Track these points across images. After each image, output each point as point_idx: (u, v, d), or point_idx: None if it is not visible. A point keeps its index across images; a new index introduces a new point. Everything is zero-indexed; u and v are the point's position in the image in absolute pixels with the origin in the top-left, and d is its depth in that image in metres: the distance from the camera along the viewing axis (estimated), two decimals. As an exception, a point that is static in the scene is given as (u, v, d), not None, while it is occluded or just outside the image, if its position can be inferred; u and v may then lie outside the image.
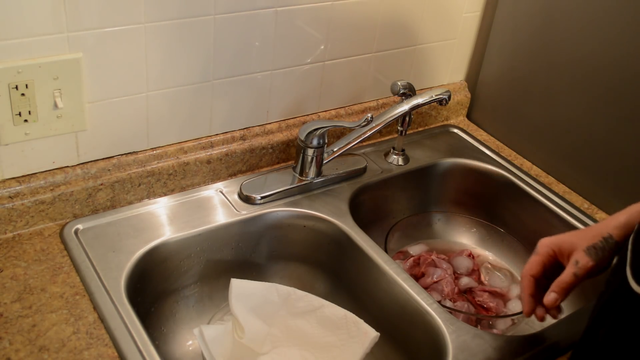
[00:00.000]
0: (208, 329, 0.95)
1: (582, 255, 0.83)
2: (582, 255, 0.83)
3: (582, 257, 0.83)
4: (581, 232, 0.86)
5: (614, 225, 0.82)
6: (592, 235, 0.84)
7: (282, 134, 1.19)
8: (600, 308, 0.74)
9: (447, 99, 1.16)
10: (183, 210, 1.06)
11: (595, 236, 0.83)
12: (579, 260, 0.83)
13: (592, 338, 0.76)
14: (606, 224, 0.83)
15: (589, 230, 0.85)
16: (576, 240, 0.85)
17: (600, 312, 0.74)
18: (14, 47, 0.88)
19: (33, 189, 0.97)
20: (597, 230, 0.84)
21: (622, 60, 1.13)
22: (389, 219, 1.26)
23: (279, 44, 1.11)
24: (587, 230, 0.86)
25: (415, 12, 1.26)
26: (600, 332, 0.74)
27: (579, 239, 0.85)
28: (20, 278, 0.90)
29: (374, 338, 0.95)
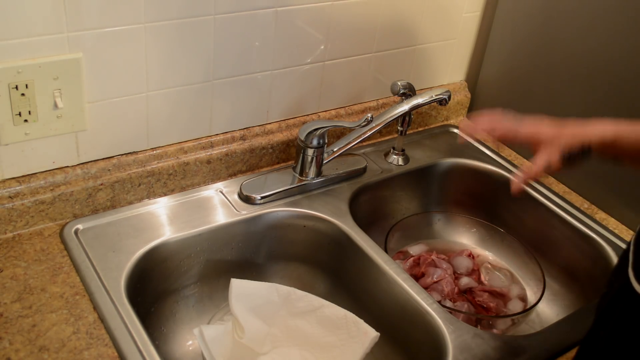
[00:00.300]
0: (208, 329, 0.95)
1: (556, 156, 0.84)
2: (556, 156, 0.84)
3: (555, 159, 0.85)
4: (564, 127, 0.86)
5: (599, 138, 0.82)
6: (571, 137, 0.84)
7: (282, 134, 1.19)
8: (603, 309, 0.74)
9: (447, 99, 1.16)
10: (183, 210, 1.06)
11: (575, 140, 0.84)
12: (552, 160, 0.85)
13: (594, 339, 0.76)
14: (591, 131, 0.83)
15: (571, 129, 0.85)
16: (556, 136, 0.85)
17: (602, 313, 0.74)
18: (14, 47, 0.88)
19: (33, 189, 0.97)
20: (579, 133, 0.84)
21: (621, 60, 1.13)
22: (389, 219, 1.26)
23: (279, 44, 1.11)
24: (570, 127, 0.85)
25: (415, 12, 1.26)
26: (601, 333, 0.74)
27: (559, 133, 0.85)
28: (20, 278, 0.90)
29: (374, 338, 0.95)
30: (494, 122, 0.92)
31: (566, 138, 0.85)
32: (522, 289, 1.17)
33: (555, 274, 1.21)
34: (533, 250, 1.18)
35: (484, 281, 1.18)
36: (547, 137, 0.86)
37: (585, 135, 0.83)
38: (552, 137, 0.86)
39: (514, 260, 1.22)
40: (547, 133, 0.86)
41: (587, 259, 1.16)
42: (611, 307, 0.72)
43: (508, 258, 1.23)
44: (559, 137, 0.85)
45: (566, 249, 1.19)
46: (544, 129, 0.87)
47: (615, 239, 1.14)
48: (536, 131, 0.88)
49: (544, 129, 0.87)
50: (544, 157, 0.85)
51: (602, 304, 0.75)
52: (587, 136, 0.83)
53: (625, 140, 0.80)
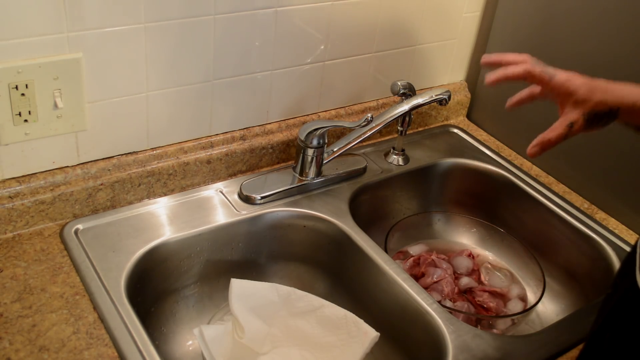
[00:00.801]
0: (208, 329, 0.95)
1: (580, 119, 0.81)
2: (580, 119, 0.81)
3: (578, 122, 0.81)
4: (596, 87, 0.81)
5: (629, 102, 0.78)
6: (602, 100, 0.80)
7: (282, 134, 1.20)
8: (609, 311, 0.73)
9: (447, 99, 1.16)
10: (183, 210, 1.06)
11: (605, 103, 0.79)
12: (575, 123, 0.81)
13: (599, 341, 0.75)
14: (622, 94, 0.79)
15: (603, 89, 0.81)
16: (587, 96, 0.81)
17: (608, 315, 0.73)
18: (14, 47, 0.88)
19: (33, 189, 0.97)
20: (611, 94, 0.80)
21: (621, 60, 1.13)
22: (389, 219, 1.26)
23: (279, 44, 1.11)
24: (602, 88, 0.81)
25: (415, 12, 1.26)
26: (607, 335, 0.73)
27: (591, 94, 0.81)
28: (20, 278, 0.90)
29: (374, 338, 0.95)
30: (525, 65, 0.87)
31: (597, 98, 0.80)
32: (522, 289, 1.17)
33: (555, 274, 1.21)
34: (533, 250, 1.18)
35: (484, 281, 1.18)
36: (579, 92, 0.82)
37: (614, 98, 0.79)
38: (584, 93, 0.81)
39: (514, 260, 1.22)
40: (580, 87, 0.82)
41: (587, 259, 1.16)
42: (617, 309, 0.71)
43: (508, 258, 1.23)
44: (591, 95, 0.81)
45: (566, 249, 1.19)
46: (577, 83, 0.82)
47: (615, 239, 1.14)
48: (570, 82, 0.83)
49: (577, 83, 0.82)
50: (567, 118, 0.81)
51: (607, 305, 0.74)
52: (617, 99, 0.79)
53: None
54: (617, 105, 0.79)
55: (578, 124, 0.81)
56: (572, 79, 0.83)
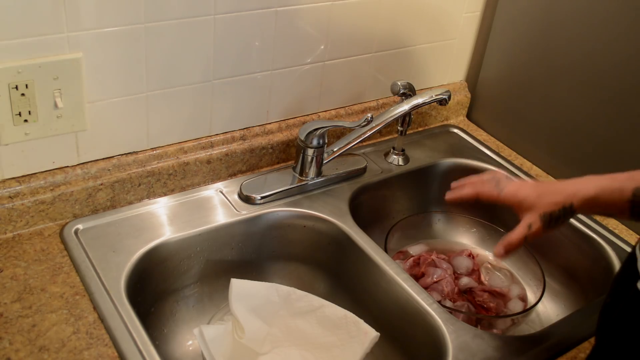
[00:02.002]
0: (208, 329, 0.95)
1: (537, 220, 0.84)
2: (537, 220, 0.84)
3: (536, 223, 0.85)
4: (544, 191, 0.86)
5: (581, 196, 0.81)
6: (553, 201, 0.84)
7: (282, 134, 1.20)
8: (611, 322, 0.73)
9: (447, 99, 1.16)
10: (183, 210, 1.06)
11: (556, 203, 0.83)
12: (533, 225, 0.85)
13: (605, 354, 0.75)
14: (573, 190, 0.82)
15: (552, 191, 0.85)
16: (537, 202, 0.85)
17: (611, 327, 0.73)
18: (14, 47, 0.88)
19: (33, 189, 0.97)
20: (560, 194, 0.83)
21: (622, 60, 1.13)
22: (389, 219, 1.26)
23: (279, 44, 1.11)
24: (550, 190, 0.85)
25: (415, 12, 1.26)
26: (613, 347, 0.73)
27: (540, 199, 0.85)
28: (20, 278, 0.90)
29: (374, 338, 0.95)
30: (479, 183, 0.93)
31: (547, 201, 0.84)
32: (522, 289, 1.17)
33: (555, 274, 1.21)
34: (533, 250, 1.18)
35: (484, 281, 1.18)
36: (528, 200, 0.86)
37: (566, 196, 0.83)
38: (532, 200, 0.86)
39: (514, 260, 1.21)
40: (528, 195, 0.87)
41: (587, 259, 1.16)
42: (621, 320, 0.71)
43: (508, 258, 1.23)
44: (540, 199, 0.85)
45: (566, 249, 1.19)
46: (524, 192, 0.87)
47: (615, 239, 1.14)
48: (517, 193, 0.88)
49: (525, 192, 0.87)
50: (525, 222, 0.85)
51: (609, 316, 0.74)
52: (569, 197, 0.83)
53: (607, 195, 0.79)
54: (569, 203, 0.82)
55: (536, 225, 0.85)
56: (519, 189, 0.88)
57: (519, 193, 0.88)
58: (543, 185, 0.88)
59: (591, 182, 0.82)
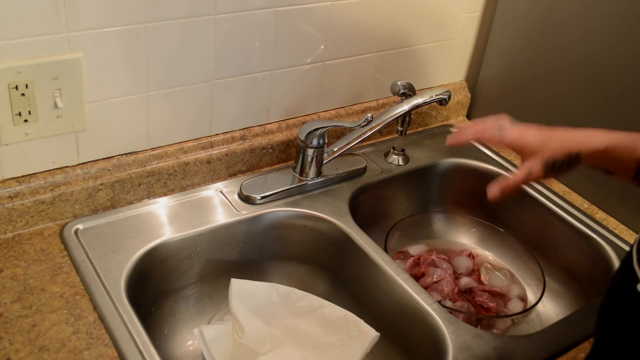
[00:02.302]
0: (208, 329, 0.95)
1: (538, 166, 0.81)
2: (538, 166, 0.81)
3: (537, 169, 0.81)
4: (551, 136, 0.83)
5: (590, 146, 0.79)
6: (559, 146, 0.81)
7: (282, 134, 1.19)
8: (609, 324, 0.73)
9: (447, 99, 1.16)
10: (183, 210, 1.06)
11: (562, 149, 0.80)
12: (533, 170, 0.82)
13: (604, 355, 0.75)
14: (582, 139, 0.80)
15: (559, 138, 0.82)
16: (541, 145, 0.82)
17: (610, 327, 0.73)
18: (14, 47, 0.88)
19: (33, 189, 0.97)
20: (568, 141, 0.81)
21: (622, 59, 1.13)
22: (389, 219, 1.26)
23: (279, 44, 1.11)
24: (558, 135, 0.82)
25: (415, 12, 1.26)
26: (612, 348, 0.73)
27: (546, 143, 0.82)
28: (20, 278, 0.90)
29: (374, 338, 0.95)
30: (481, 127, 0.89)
31: (552, 146, 0.81)
32: (522, 289, 1.17)
33: (555, 274, 1.21)
34: (533, 250, 1.18)
35: (484, 281, 1.18)
36: (532, 145, 0.83)
37: (574, 144, 0.80)
38: (537, 145, 0.82)
39: (514, 260, 1.22)
40: (533, 141, 0.83)
41: (587, 259, 1.16)
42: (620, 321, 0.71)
43: (508, 258, 1.23)
44: (545, 145, 0.82)
45: (566, 249, 1.19)
46: (529, 136, 0.84)
47: (615, 239, 1.14)
48: (521, 138, 0.84)
49: (530, 136, 0.84)
50: (526, 166, 0.82)
51: (607, 317, 0.74)
52: (577, 145, 0.80)
53: (617, 151, 0.77)
54: (577, 151, 0.79)
55: (536, 170, 0.81)
56: (524, 134, 0.84)
57: (523, 137, 0.84)
58: (550, 132, 0.84)
59: (602, 135, 0.79)
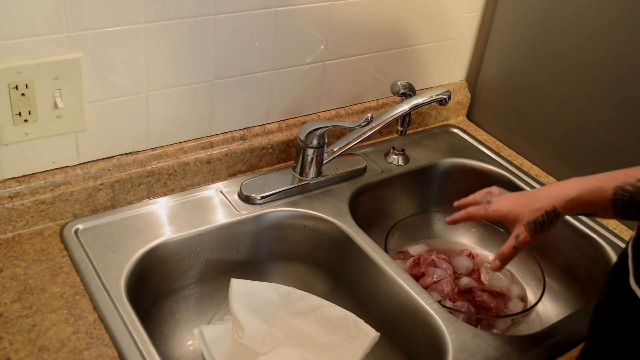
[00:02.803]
0: (208, 329, 0.95)
1: (522, 230, 0.88)
2: (522, 230, 0.88)
3: (522, 232, 0.88)
4: (526, 200, 0.89)
5: (562, 198, 0.84)
6: (535, 208, 0.86)
7: (282, 134, 1.20)
8: (603, 319, 0.73)
9: (447, 99, 1.16)
10: (183, 210, 1.06)
11: (539, 209, 0.86)
12: (520, 234, 0.88)
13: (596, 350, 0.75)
14: (554, 194, 0.85)
15: (534, 199, 0.88)
16: (520, 212, 0.89)
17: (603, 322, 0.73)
18: (14, 47, 0.88)
19: (33, 189, 0.97)
20: (542, 200, 0.86)
21: (622, 60, 1.13)
22: (389, 219, 1.26)
23: (279, 44, 1.11)
24: (532, 197, 0.88)
25: (415, 12, 1.26)
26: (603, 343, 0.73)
27: (522, 209, 0.88)
28: (20, 278, 0.90)
29: (374, 338, 0.95)
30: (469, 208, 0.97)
31: (529, 210, 0.87)
32: (522, 289, 1.17)
33: (555, 274, 1.21)
34: (533, 250, 1.18)
35: (484, 281, 1.18)
36: (511, 214, 0.90)
37: (548, 202, 0.85)
38: (516, 213, 0.89)
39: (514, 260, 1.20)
40: (510, 210, 0.90)
41: (587, 259, 1.16)
42: (613, 317, 0.71)
43: (508, 258, 1.23)
44: (523, 210, 0.88)
45: (566, 249, 1.19)
46: (506, 207, 0.91)
47: (615, 239, 1.14)
48: (500, 210, 0.92)
49: (507, 207, 0.91)
50: (513, 234, 0.89)
51: (601, 313, 0.74)
52: (551, 202, 0.85)
53: (589, 196, 0.81)
54: (552, 207, 0.85)
55: (522, 235, 0.88)
56: (502, 203, 0.92)
57: (502, 208, 0.92)
58: (525, 195, 0.91)
59: (572, 184, 0.83)
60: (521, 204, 0.89)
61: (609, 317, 0.72)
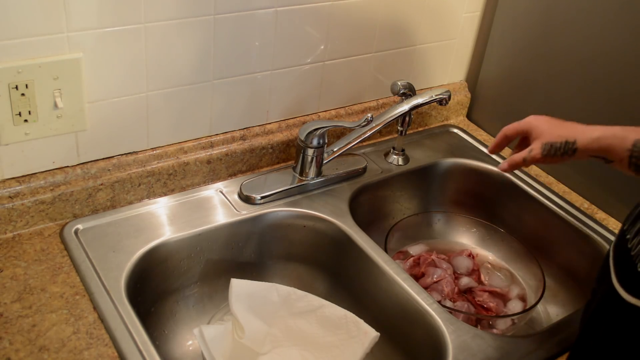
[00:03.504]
0: (208, 329, 0.95)
1: (538, 147, 0.91)
2: (538, 147, 0.91)
3: (537, 149, 0.91)
4: (556, 124, 0.92)
5: (587, 135, 0.86)
6: (559, 134, 0.89)
7: (282, 134, 1.20)
8: (589, 318, 0.74)
9: (447, 99, 1.16)
10: (183, 210, 1.06)
11: (562, 136, 0.89)
12: (534, 149, 0.91)
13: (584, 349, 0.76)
14: (581, 129, 0.88)
15: (562, 126, 0.90)
16: (546, 130, 0.91)
17: (589, 322, 0.74)
18: (14, 47, 0.88)
19: (33, 189, 0.97)
20: (569, 129, 0.89)
21: (622, 59, 1.13)
22: (389, 219, 1.26)
23: (279, 44, 1.11)
24: (562, 124, 0.91)
25: (415, 12, 1.26)
26: (591, 342, 0.74)
27: (549, 128, 0.91)
28: (20, 278, 0.90)
29: (374, 338, 0.95)
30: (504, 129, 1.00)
31: (553, 133, 0.90)
32: (522, 289, 1.17)
33: (555, 274, 1.21)
34: (533, 250, 1.18)
35: (484, 281, 1.18)
36: (538, 129, 0.92)
37: (573, 133, 0.87)
38: (542, 129, 0.91)
39: (514, 260, 1.22)
40: (539, 125, 0.92)
41: (586, 259, 1.16)
42: (598, 315, 0.72)
43: (508, 258, 1.23)
44: (548, 131, 0.91)
45: (566, 249, 1.19)
46: (538, 121, 0.93)
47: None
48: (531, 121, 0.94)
49: (538, 122, 0.93)
50: (529, 147, 0.92)
51: (588, 312, 0.75)
52: (575, 134, 0.87)
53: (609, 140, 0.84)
54: (573, 138, 0.88)
55: (535, 150, 0.91)
56: (535, 118, 0.95)
57: (533, 121, 0.94)
58: (557, 121, 0.92)
59: (599, 127, 0.86)
60: (550, 125, 0.91)
61: (595, 316, 0.73)
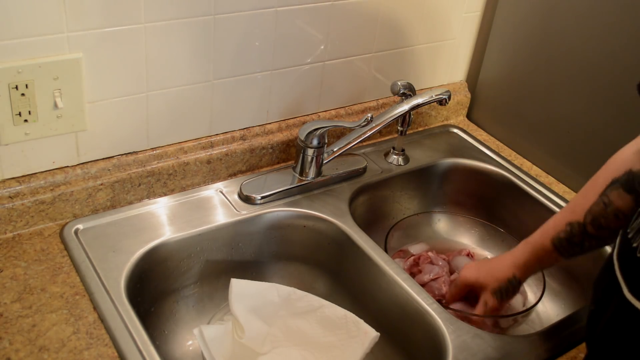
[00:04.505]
0: (208, 329, 0.95)
1: (490, 297, 0.99)
2: (490, 297, 0.99)
3: (490, 299, 0.99)
4: (489, 269, 1.00)
5: (516, 266, 0.97)
6: (498, 277, 0.98)
7: (282, 134, 1.20)
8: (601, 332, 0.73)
9: (447, 99, 1.16)
10: (183, 210, 1.06)
11: (501, 279, 0.97)
12: (488, 301, 0.99)
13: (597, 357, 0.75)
14: (509, 263, 0.97)
15: (495, 268, 0.99)
16: (485, 282, 1.00)
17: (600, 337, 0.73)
18: (14, 47, 0.88)
19: (33, 189, 0.97)
20: (502, 269, 0.98)
21: (622, 60, 1.13)
22: (389, 219, 1.26)
23: (279, 44, 1.11)
24: (493, 267, 1.00)
25: (415, 12, 1.26)
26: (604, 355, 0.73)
27: (487, 279, 0.99)
28: (20, 278, 0.90)
29: (374, 338, 0.95)
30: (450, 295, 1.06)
31: (494, 279, 0.98)
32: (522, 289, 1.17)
33: (555, 274, 1.21)
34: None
35: (484, 281, 1.18)
36: (479, 282, 1.00)
37: (507, 270, 0.97)
38: (482, 281, 1.00)
39: (514, 260, 1.21)
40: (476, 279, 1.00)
41: (587, 259, 1.16)
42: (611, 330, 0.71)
43: (508, 258, 1.23)
44: (488, 278, 0.99)
45: (566, 249, 1.19)
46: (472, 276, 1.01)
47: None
48: (466, 280, 1.01)
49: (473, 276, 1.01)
50: (482, 300, 0.99)
51: (597, 325, 0.74)
52: (510, 270, 0.97)
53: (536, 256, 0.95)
54: (512, 275, 0.97)
55: (491, 302, 0.99)
56: (466, 273, 1.02)
57: (468, 278, 1.02)
58: (485, 264, 1.02)
59: (519, 251, 0.97)
60: (485, 273, 1.00)
61: (607, 330, 0.71)
